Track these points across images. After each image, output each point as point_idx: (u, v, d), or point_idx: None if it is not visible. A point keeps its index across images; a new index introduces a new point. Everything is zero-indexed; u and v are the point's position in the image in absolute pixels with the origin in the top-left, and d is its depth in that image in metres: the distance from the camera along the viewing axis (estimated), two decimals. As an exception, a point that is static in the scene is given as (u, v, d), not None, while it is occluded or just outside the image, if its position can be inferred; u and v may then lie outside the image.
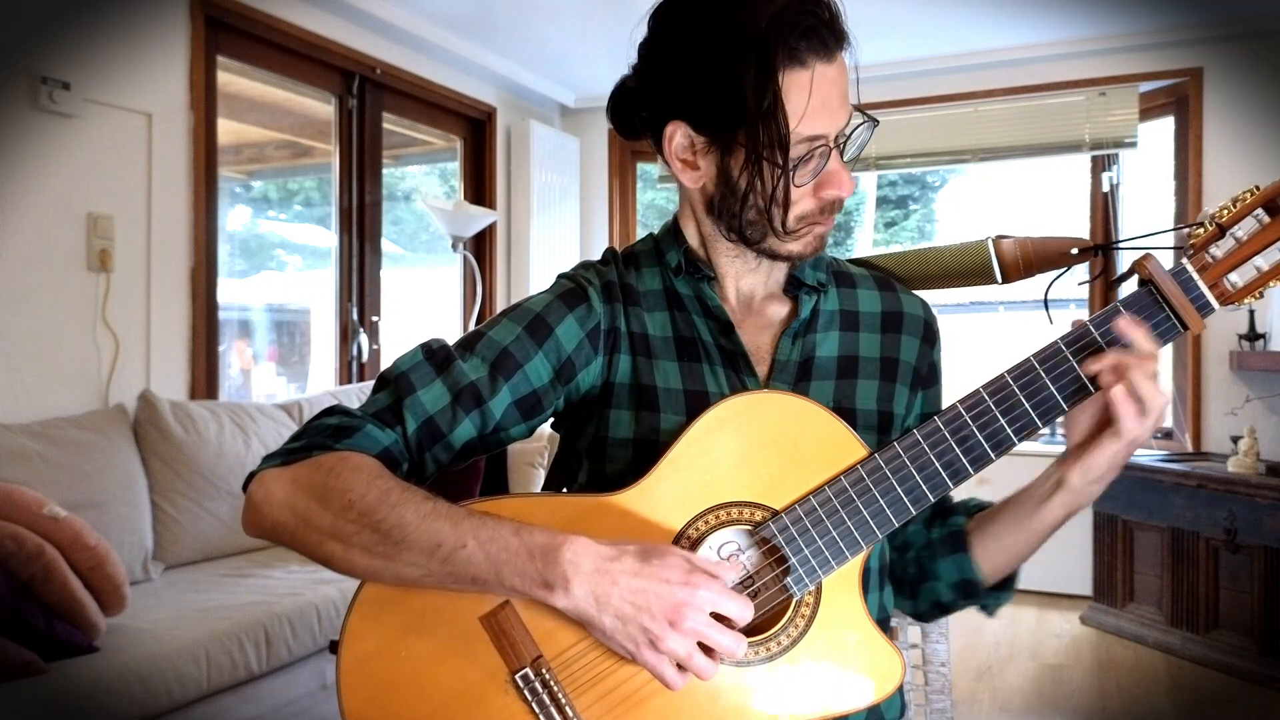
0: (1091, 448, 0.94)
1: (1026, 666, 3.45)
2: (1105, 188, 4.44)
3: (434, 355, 1.01)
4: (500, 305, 4.82)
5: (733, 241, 1.05)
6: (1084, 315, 0.95)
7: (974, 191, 5.56)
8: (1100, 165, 4.45)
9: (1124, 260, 1.14)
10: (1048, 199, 5.06)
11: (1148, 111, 4.27)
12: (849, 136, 0.99)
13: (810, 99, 0.94)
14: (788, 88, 0.94)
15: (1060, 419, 0.96)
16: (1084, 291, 4.15)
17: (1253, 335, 3.85)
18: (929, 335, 1.13)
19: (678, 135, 1.01)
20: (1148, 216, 4.43)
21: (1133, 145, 4.27)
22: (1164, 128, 4.32)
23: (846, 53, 0.97)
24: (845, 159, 1.00)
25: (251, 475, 0.95)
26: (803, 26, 0.92)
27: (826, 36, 0.94)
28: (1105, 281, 3.59)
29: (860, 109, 1.01)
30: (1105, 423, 0.92)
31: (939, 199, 5.77)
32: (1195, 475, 3.50)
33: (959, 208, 5.67)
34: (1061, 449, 0.98)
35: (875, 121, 1.02)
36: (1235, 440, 3.60)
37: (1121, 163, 4.44)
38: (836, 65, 0.96)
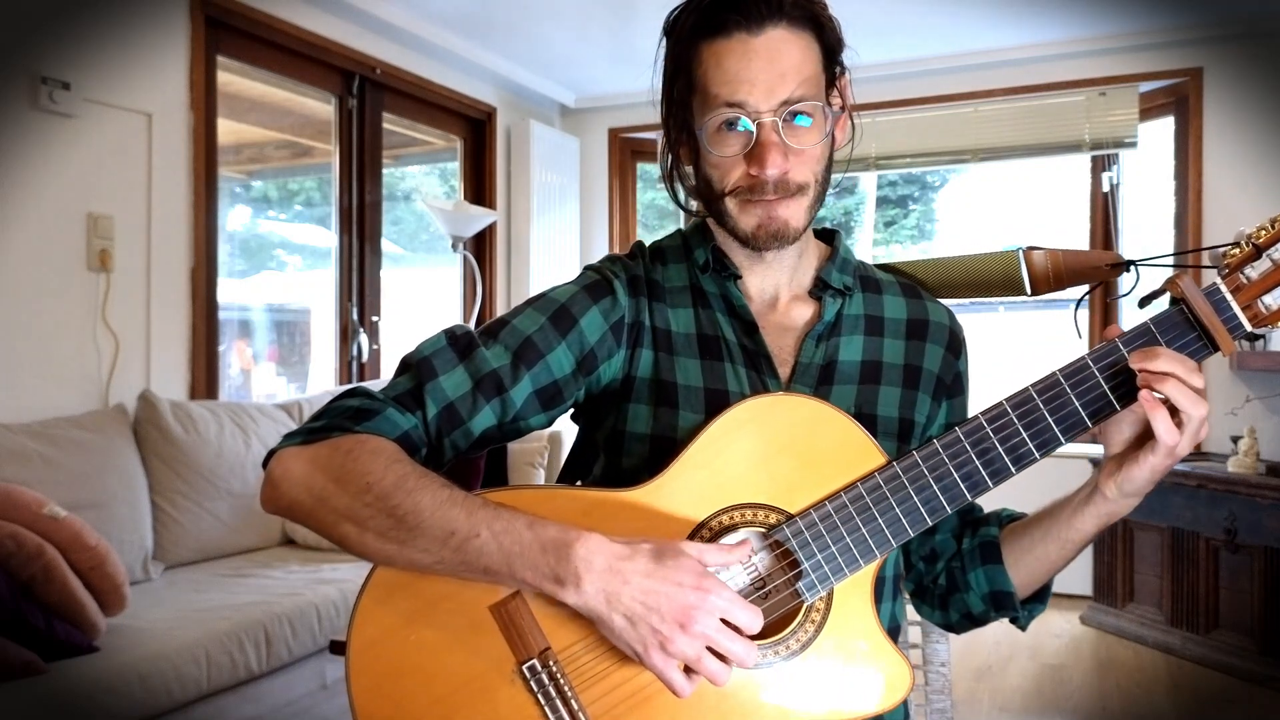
0: (1130, 460, 0.93)
1: (1026, 666, 3.45)
2: (1105, 188, 4.44)
3: (457, 341, 1.01)
4: (500, 305, 4.82)
5: (717, 224, 1.05)
6: (1083, 319, 0.95)
7: (974, 191, 5.54)
8: (1100, 165, 4.45)
9: (1128, 272, 1.13)
10: (1048, 199, 5.05)
11: (1148, 111, 4.27)
12: (789, 118, 0.96)
13: (724, 65, 0.96)
14: (707, 54, 0.97)
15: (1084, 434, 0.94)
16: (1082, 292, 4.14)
17: (1253, 336, 3.84)
18: (954, 344, 1.12)
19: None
20: (1148, 217, 4.43)
21: (1133, 145, 4.27)
22: (1164, 128, 4.32)
23: (794, 31, 0.96)
24: (792, 143, 0.97)
25: (272, 452, 0.95)
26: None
27: (751, 8, 0.95)
28: (1105, 297, 3.59)
29: (849, 111, 1.02)
30: (1147, 434, 0.90)
31: (939, 199, 5.76)
32: (1195, 475, 3.50)
33: (959, 208, 5.66)
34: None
35: (840, 109, 1.03)
36: (1235, 440, 3.61)
37: (1121, 163, 4.44)
38: (764, 38, 0.95)
